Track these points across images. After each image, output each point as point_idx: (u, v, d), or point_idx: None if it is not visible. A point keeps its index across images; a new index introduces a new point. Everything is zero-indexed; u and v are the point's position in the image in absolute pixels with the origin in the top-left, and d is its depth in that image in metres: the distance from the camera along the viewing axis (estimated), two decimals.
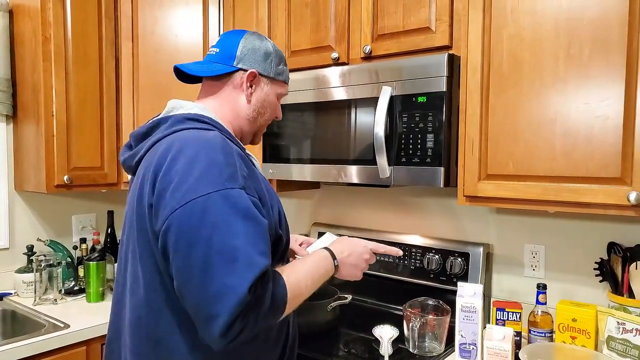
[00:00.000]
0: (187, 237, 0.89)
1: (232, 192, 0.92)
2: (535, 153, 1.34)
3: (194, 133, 1.00)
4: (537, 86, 1.34)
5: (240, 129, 1.18)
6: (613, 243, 1.47)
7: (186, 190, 0.90)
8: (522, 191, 1.36)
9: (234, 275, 0.86)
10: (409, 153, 1.52)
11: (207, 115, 1.08)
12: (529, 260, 1.67)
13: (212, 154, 0.95)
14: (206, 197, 0.89)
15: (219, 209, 0.89)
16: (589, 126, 1.26)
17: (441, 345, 1.48)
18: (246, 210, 0.92)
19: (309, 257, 1.12)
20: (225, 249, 0.87)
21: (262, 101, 1.18)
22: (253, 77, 1.15)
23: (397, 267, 1.88)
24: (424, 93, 1.48)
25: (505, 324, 1.42)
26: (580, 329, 1.33)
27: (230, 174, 0.94)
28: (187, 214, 0.89)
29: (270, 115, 1.22)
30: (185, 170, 0.92)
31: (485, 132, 1.43)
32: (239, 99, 1.16)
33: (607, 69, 1.23)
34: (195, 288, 0.88)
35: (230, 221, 0.89)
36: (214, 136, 1.00)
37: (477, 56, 1.43)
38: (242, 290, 0.85)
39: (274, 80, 1.19)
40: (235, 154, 0.98)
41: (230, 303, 0.85)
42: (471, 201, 1.47)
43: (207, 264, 0.87)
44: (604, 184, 1.24)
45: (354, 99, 1.64)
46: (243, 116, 1.17)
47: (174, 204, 0.90)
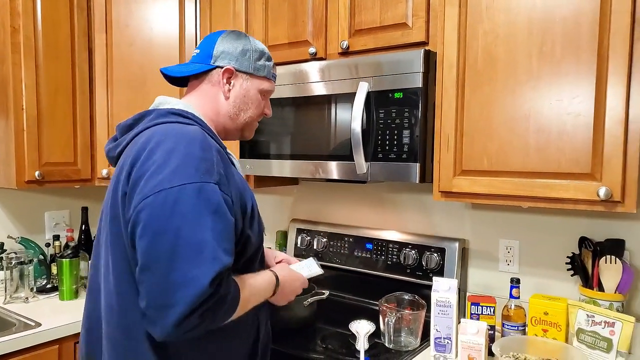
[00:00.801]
0: (156, 224, 0.90)
1: (206, 186, 0.93)
2: (509, 149, 1.36)
3: (174, 126, 1.03)
4: (511, 83, 1.35)
5: (223, 126, 1.20)
6: (584, 238, 1.49)
7: (161, 179, 0.92)
8: (496, 187, 1.37)
9: (198, 268, 0.87)
10: (386, 149, 1.52)
11: (190, 112, 1.10)
12: (504, 255, 1.70)
13: (190, 147, 0.97)
14: (180, 187, 0.91)
15: (191, 201, 0.91)
16: (561, 123, 1.28)
17: (417, 339, 1.50)
18: (217, 206, 0.94)
19: (260, 276, 1.14)
20: (193, 241, 0.89)
21: (242, 97, 1.19)
22: (230, 73, 1.16)
23: (374, 262, 1.89)
24: (400, 89, 1.49)
25: (480, 318, 1.43)
26: (551, 322, 1.36)
27: (206, 169, 0.95)
28: (159, 202, 0.90)
29: (255, 111, 1.22)
30: (163, 161, 0.94)
31: (461, 128, 1.44)
32: (218, 96, 1.17)
33: (578, 66, 1.25)
34: (156, 275, 0.89)
35: (201, 214, 0.91)
36: (194, 130, 1.02)
37: (452, 52, 1.44)
38: (203, 283, 0.87)
39: (253, 75, 1.19)
40: (214, 149, 1.00)
41: (190, 293, 0.86)
42: (446, 197, 1.48)
43: (172, 253, 0.88)
44: (575, 180, 1.26)
45: (332, 94, 1.63)
46: (224, 113, 1.18)
47: (147, 191, 0.92)
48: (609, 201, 1.22)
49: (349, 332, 1.50)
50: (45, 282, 2.05)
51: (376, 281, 1.89)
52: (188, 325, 0.88)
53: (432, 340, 1.43)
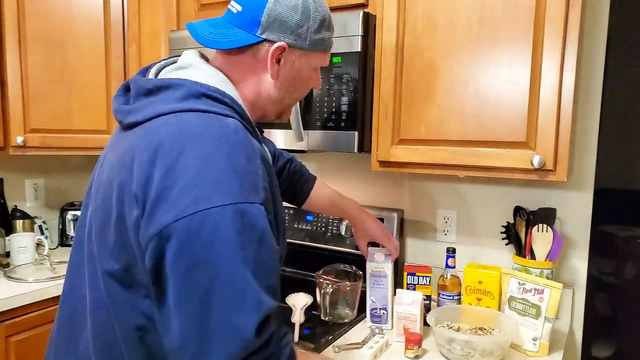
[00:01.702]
0: (190, 255, 0.71)
1: (251, 209, 0.73)
2: (447, 117, 1.33)
3: (210, 121, 0.78)
4: (451, 48, 1.31)
5: (263, 110, 0.96)
6: (519, 207, 1.51)
7: (196, 196, 0.71)
8: (432, 156, 1.35)
9: (238, 314, 0.70)
10: (324, 117, 1.46)
11: (228, 93, 0.85)
12: (442, 225, 1.70)
13: (233, 156, 0.75)
14: (221, 209, 0.70)
15: (234, 227, 0.71)
16: (499, 90, 1.26)
17: (353, 311, 1.47)
18: (262, 233, 0.74)
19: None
20: (233, 279, 0.71)
21: (292, 79, 0.94)
22: (281, 51, 0.89)
23: (315, 235, 1.85)
24: (338, 53, 1.42)
25: (416, 288, 1.43)
26: (485, 290, 1.37)
27: (253, 185, 0.74)
28: (195, 227, 0.70)
29: (304, 92, 1.00)
30: (198, 171, 0.72)
31: (399, 96, 1.39)
32: (263, 75, 0.91)
33: (516, 32, 1.23)
34: (190, 317, 0.72)
35: (244, 245, 0.71)
36: (235, 128, 0.78)
37: (392, 15, 1.38)
38: (247, 333, 0.70)
39: (309, 52, 0.93)
40: (259, 156, 0.79)
41: (230, 345, 0.70)
42: (384, 166, 1.44)
43: (209, 293, 0.70)
44: (511, 148, 1.25)
45: None
46: (266, 96, 0.93)
47: (179, 211, 0.70)
48: (542, 170, 1.22)
49: (287, 306, 1.45)
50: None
51: (317, 253, 1.85)
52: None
53: (368, 311, 1.41)
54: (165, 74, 0.88)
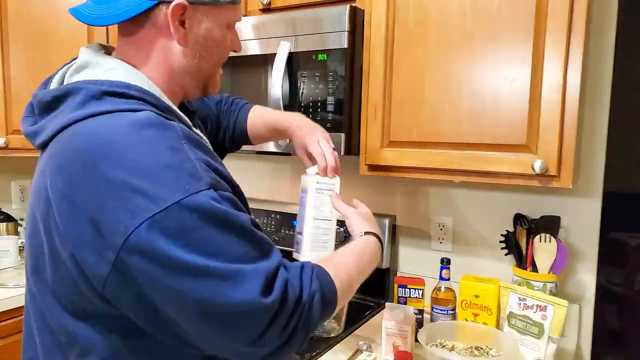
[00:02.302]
0: (158, 274, 0.64)
1: (198, 198, 0.65)
2: (441, 118, 1.23)
3: (117, 122, 0.69)
4: (444, 44, 1.21)
5: (182, 87, 0.83)
6: (519, 215, 1.40)
7: (133, 209, 0.63)
8: (425, 159, 1.25)
9: (242, 291, 0.66)
10: (309, 117, 1.36)
11: (134, 84, 0.74)
12: (436, 233, 1.59)
13: (153, 153, 0.66)
14: (164, 212, 0.63)
15: (186, 225, 0.64)
16: (496, 89, 1.16)
17: (340, 324, 1.38)
18: (225, 215, 0.67)
19: (360, 246, 0.94)
20: (214, 275, 0.65)
21: (202, 41, 0.80)
22: (182, 9, 0.76)
23: None
24: (324, 50, 1.32)
25: (407, 301, 1.32)
26: (482, 305, 1.26)
27: (189, 174, 0.66)
28: (145, 242, 0.63)
29: (220, 55, 0.86)
30: (123, 182, 0.64)
31: (389, 95, 1.30)
32: (169, 45, 0.78)
33: (515, 26, 1.13)
34: (199, 323, 0.67)
35: (206, 237, 0.65)
36: (148, 123, 0.69)
37: (381, 9, 1.28)
38: (253, 299, 0.66)
39: (215, 5, 0.80)
40: (182, 140, 0.69)
41: (249, 324, 0.67)
42: (374, 170, 1.35)
43: (199, 300, 0.65)
44: (510, 152, 1.15)
45: (252, 55, 1.45)
46: (180, 69, 0.80)
47: (123, 230, 0.63)
48: (544, 175, 1.12)
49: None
50: None
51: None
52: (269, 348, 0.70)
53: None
54: (68, 79, 0.77)
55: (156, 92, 0.76)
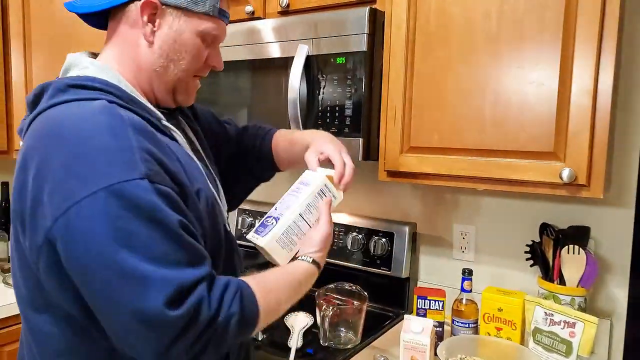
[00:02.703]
0: (76, 255, 0.67)
1: (127, 187, 0.66)
2: (464, 123, 1.18)
3: (69, 109, 0.73)
4: (467, 46, 1.17)
5: (150, 86, 0.86)
6: (546, 224, 1.34)
7: (65, 192, 0.66)
8: (447, 166, 1.20)
9: (145, 300, 0.66)
10: (327, 122, 1.33)
11: (101, 78, 0.79)
12: (458, 242, 1.54)
13: (94, 137, 0.69)
14: (91, 197, 0.65)
15: (111, 212, 0.65)
16: (522, 93, 1.10)
17: (357, 336, 1.33)
18: (150, 210, 0.68)
19: (291, 272, 0.90)
20: (127, 270, 0.66)
21: (171, 42, 0.83)
22: (153, 7, 0.80)
23: None
24: (342, 53, 1.29)
25: (427, 313, 1.27)
26: (506, 319, 1.20)
27: (124, 161, 0.68)
28: (71, 225, 0.66)
29: (192, 63, 0.86)
30: (62, 165, 0.68)
31: (410, 99, 1.25)
32: (139, 41, 0.82)
33: (542, 25, 1.07)
34: (106, 317, 0.70)
35: (128, 229, 0.66)
36: (98, 109, 0.72)
37: (402, 11, 1.24)
38: (156, 313, 0.66)
39: (188, 11, 0.82)
40: (129, 128, 0.71)
41: (150, 332, 0.67)
42: (393, 177, 1.30)
43: (107, 291, 0.67)
44: (536, 159, 1.09)
45: (269, 58, 1.43)
46: (147, 67, 0.83)
47: (54, 212, 0.67)
48: (572, 184, 1.06)
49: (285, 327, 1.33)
50: None
51: None
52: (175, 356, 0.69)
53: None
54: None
55: (122, 85, 0.80)
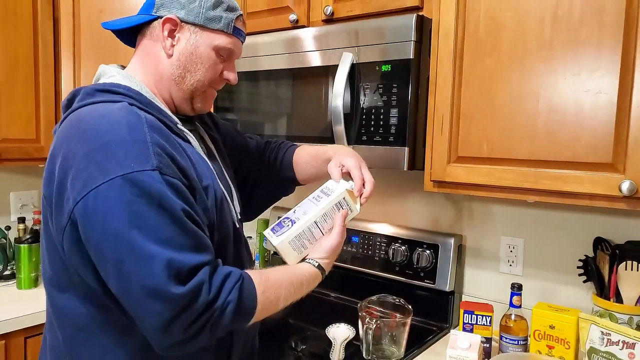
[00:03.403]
0: (93, 234, 0.76)
1: (140, 176, 0.76)
2: (514, 132, 1.14)
3: (95, 108, 0.84)
4: (518, 53, 1.13)
5: (170, 95, 0.96)
6: (600, 239, 1.28)
7: (86, 178, 0.76)
8: (497, 177, 1.16)
9: (152, 277, 0.74)
10: (371, 131, 1.31)
11: (125, 84, 0.89)
12: (506, 255, 1.49)
13: (113, 132, 0.79)
14: (108, 184, 0.75)
15: (125, 197, 0.75)
16: (577, 102, 1.06)
17: (400, 350, 1.30)
18: (160, 197, 0.77)
19: (296, 272, 0.96)
20: (135, 249, 0.75)
21: (188, 55, 0.93)
22: (173, 24, 0.92)
23: (360, 258, 1.69)
24: (388, 61, 1.27)
25: (474, 329, 1.23)
26: (558, 337, 1.15)
27: (138, 153, 0.77)
28: (90, 207, 0.75)
29: (206, 74, 0.96)
30: (85, 155, 0.77)
31: (458, 108, 1.22)
32: (160, 54, 0.94)
33: (600, 32, 1.03)
34: (118, 290, 0.78)
35: (139, 213, 0.75)
36: (119, 108, 0.83)
37: (450, 18, 1.22)
38: (161, 289, 0.74)
39: (204, 28, 0.93)
40: (145, 126, 0.81)
41: (155, 306, 0.75)
42: (439, 187, 1.27)
43: (119, 265, 0.75)
44: (592, 171, 1.05)
45: (313, 67, 1.43)
46: (166, 76, 0.94)
47: (75, 196, 0.76)
48: (633, 197, 1.01)
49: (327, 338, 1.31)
50: (2, 269, 1.88)
51: (362, 278, 1.69)
52: (173, 338, 0.77)
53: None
54: None
55: (143, 91, 0.90)
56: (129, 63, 0.98)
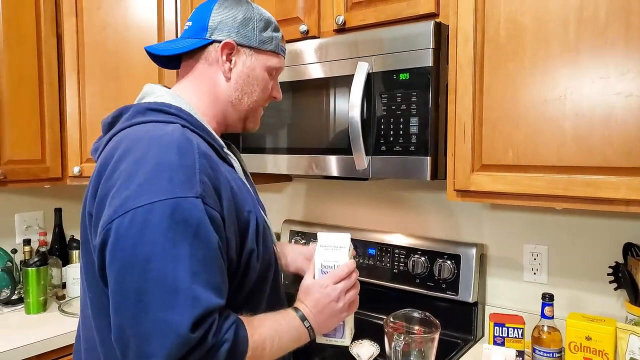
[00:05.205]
0: (121, 255, 0.73)
1: (183, 203, 0.74)
2: (541, 138, 1.11)
3: (149, 128, 0.83)
4: (542, 57, 1.11)
5: (224, 116, 0.97)
6: (630, 244, 1.25)
7: (126, 197, 0.74)
8: (524, 184, 1.13)
9: (172, 311, 0.71)
10: (390, 141, 1.28)
11: (176, 105, 0.89)
12: (529, 263, 1.45)
13: (163, 154, 0.77)
14: (149, 207, 0.72)
15: (163, 223, 0.72)
16: (607, 105, 1.03)
17: None
18: (197, 227, 0.74)
19: (279, 320, 0.89)
20: (164, 277, 0.71)
21: (245, 77, 0.96)
22: (230, 48, 0.93)
23: (378, 270, 1.65)
24: (406, 69, 1.25)
25: (505, 342, 1.20)
26: (596, 349, 1.12)
27: (184, 179, 0.75)
28: (124, 227, 0.73)
29: (262, 94, 0.99)
30: (129, 174, 0.76)
31: (480, 115, 1.20)
32: (217, 77, 0.95)
33: (628, 34, 1.00)
34: (128, 319, 0.73)
35: (176, 240, 0.72)
36: (172, 131, 0.82)
37: (468, 23, 1.20)
38: (180, 331, 0.70)
39: (258, 50, 0.96)
40: (195, 151, 0.79)
41: (166, 344, 0.70)
42: (463, 196, 1.24)
43: (141, 293, 0.72)
44: (627, 176, 1.01)
45: (326, 77, 1.40)
46: (224, 99, 0.96)
47: (111, 213, 0.74)
48: None
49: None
50: (9, 294, 1.83)
51: (380, 292, 1.65)
52: None
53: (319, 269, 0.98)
54: None
55: (193, 113, 0.89)
56: (177, 84, 0.97)
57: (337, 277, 0.94)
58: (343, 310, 0.94)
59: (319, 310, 0.92)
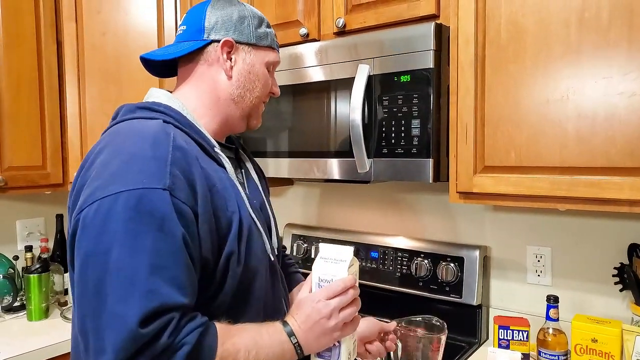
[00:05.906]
0: (85, 244, 0.73)
1: (149, 194, 0.73)
2: (543, 139, 1.11)
3: (130, 123, 0.84)
4: (543, 58, 1.10)
5: (226, 115, 0.96)
6: (635, 245, 1.24)
7: (96, 187, 0.74)
8: (527, 186, 1.12)
9: (125, 303, 0.68)
10: (392, 143, 1.28)
11: (166, 104, 0.89)
12: (533, 265, 1.44)
13: (137, 145, 0.78)
14: (115, 197, 0.72)
15: (127, 213, 0.71)
16: (609, 105, 1.03)
17: None
18: (162, 220, 0.72)
19: (263, 327, 0.83)
20: (122, 267, 0.70)
21: (246, 74, 0.95)
22: (230, 46, 0.93)
23: (381, 274, 1.65)
24: (407, 71, 1.24)
25: (510, 344, 1.19)
26: (602, 351, 1.11)
27: (154, 171, 0.75)
28: (90, 217, 0.72)
29: (262, 90, 0.99)
30: (104, 165, 0.77)
31: (482, 116, 1.19)
32: (218, 77, 0.94)
33: (632, 34, 1.00)
34: (89, 311, 0.71)
35: (138, 231, 0.71)
36: (152, 125, 0.82)
37: (469, 25, 1.19)
38: (130, 323, 0.67)
39: (256, 46, 0.96)
40: (170, 144, 0.79)
41: (118, 338, 0.67)
42: (466, 198, 1.23)
43: (100, 284, 0.70)
44: (630, 176, 1.01)
45: (327, 80, 1.39)
46: (226, 97, 0.95)
47: (81, 203, 0.75)
48: None
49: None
50: (11, 300, 1.82)
51: (383, 295, 1.65)
52: None
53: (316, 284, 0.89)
54: None
55: (185, 113, 0.89)
56: (178, 89, 0.97)
57: (331, 292, 0.84)
58: (335, 329, 0.83)
59: (308, 326, 0.82)
